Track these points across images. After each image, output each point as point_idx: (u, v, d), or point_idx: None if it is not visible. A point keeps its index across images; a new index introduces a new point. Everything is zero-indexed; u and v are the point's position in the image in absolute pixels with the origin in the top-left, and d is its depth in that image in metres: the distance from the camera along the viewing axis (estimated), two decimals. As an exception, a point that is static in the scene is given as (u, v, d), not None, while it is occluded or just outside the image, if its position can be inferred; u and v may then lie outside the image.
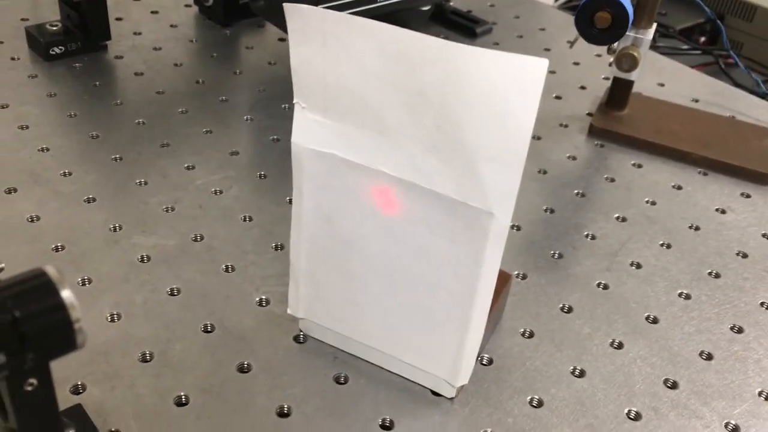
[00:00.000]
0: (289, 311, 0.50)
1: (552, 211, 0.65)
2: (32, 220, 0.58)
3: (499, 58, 0.35)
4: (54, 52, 0.77)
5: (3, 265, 0.53)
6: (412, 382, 0.48)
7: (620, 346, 0.53)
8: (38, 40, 0.76)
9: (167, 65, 0.79)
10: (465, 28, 0.92)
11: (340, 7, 0.74)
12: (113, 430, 0.44)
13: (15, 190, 0.60)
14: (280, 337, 0.51)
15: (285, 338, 0.51)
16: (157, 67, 0.79)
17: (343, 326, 0.49)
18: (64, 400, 0.44)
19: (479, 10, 0.97)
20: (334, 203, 0.44)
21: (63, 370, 0.46)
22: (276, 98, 0.74)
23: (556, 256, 0.60)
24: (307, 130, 0.43)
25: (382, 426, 0.46)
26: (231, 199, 0.62)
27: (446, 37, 0.44)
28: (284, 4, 0.39)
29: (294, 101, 0.43)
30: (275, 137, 0.69)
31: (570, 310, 0.55)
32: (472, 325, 0.44)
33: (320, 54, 0.40)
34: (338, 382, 0.48)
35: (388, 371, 0.49)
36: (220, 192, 0.63)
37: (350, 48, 0.39)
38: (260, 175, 0.65)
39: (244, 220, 0.60)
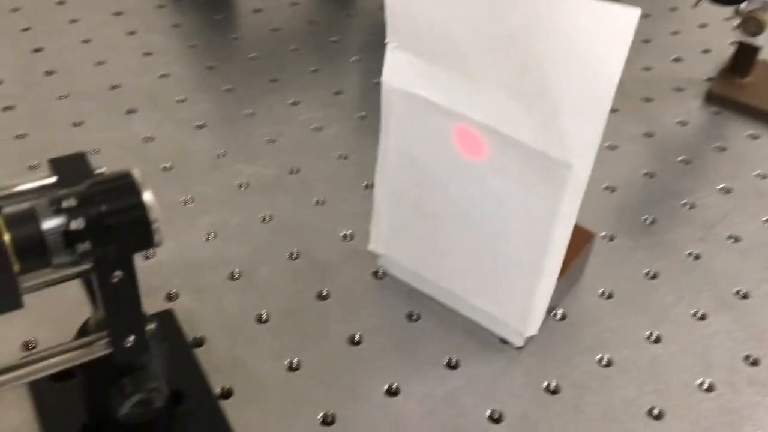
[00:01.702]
0: (369, 247, 0.52)
1: (652, 176, 0.63)
2: (147, 141, 0.62)
3: (588, 5, 0.34)
4: (182, -14, 0.81)
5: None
6: (482, 327, 0.49)
7: (703, 317, 0.51)
8: (168, -27, 0.81)
9: (284, 3, 0.82)
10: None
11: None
12: (198, 336, 0.47)
13: (135, 111, 0.65)
14: (360, 270, 0.53)
15: (364, 272, 0.53)
16: (276, 4, 0.81)
17: (419, 265, 0.50)
18: (159, 305, 0.49)
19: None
20: (418, 144, 0.45)
21: (158, 279, 0.50)
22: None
23: (649, 221, 0.58)
24: (397, 70, 0.44)
25: (448, 365, 0.47)
26: (330, 137, 0.64)
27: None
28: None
29: (386, 40, 0.44)
30: (380, 80, 0.70)
31: (655, 276, 0.54)
32: (544, 276, 0.44)
33: (416, -6, 0.41)
34: (410, 319, 0.50)
35: (460, 314, 0.50)
36: (320, 129, 0.65)
37: (444, -11, 0.39)
38: (361, 116, 0.67)
39: (340, 158, 0.62)
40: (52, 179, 0.32)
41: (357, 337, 0.48)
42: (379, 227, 0.51)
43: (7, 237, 0.26)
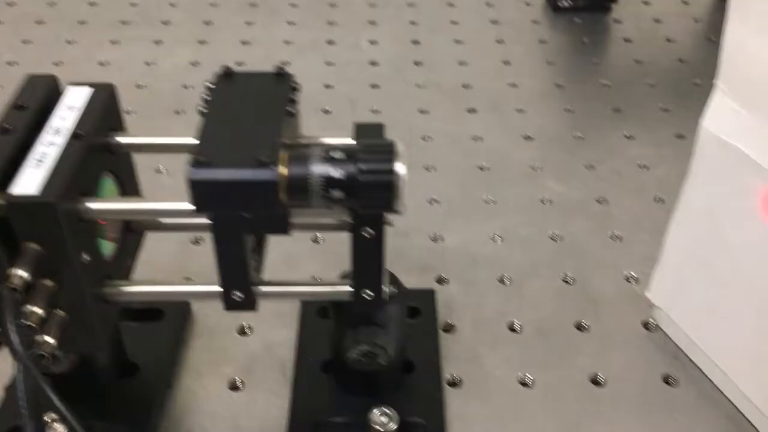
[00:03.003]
0: (647, 294, 0.49)
1: None
2: (476, 139, 0.66)
3: None
4: (562, 5, 0.83)
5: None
6: (747, 419, 0.43)
7: None
8: (553, -8, 0.84)
9: (659, 38, 0.79)
10: None
11: None
12: (450, 322, 0.50)
13: (475, 111, 0.69)
14: (629, 315, 0.50)
15: (634, 318, 0.50)
16: (648, 37, 0.79)
17: (695, 330, 0.46)
18: (427, 284, 0.52)
19: None
20: (721, 199, 0.42)
21: (438, 261, 0.54)
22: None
23: None
24: (720, 117, 0.41)
25: (690, 444, 0.43)
26: (653, 177, 0.61)
27: None
28: (729, -23, 0.37)
29: (715, 80, 0.41)
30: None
31: None
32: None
33: (756, 38, 0.37)
34: (667, 382, 0.46)
35: (726, 395, 0.45)
36: (647, 167, 0.62)
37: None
38: (696, 164, 0.62)
39: (655, 200, 0.59)
40: (353, 141, 0.37)
41: (601, 378, 0.46)
42: (663, 277, 0.47)
43: (285, 171, 0.31)
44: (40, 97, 0.37)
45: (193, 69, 0.75)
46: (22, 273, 0.32)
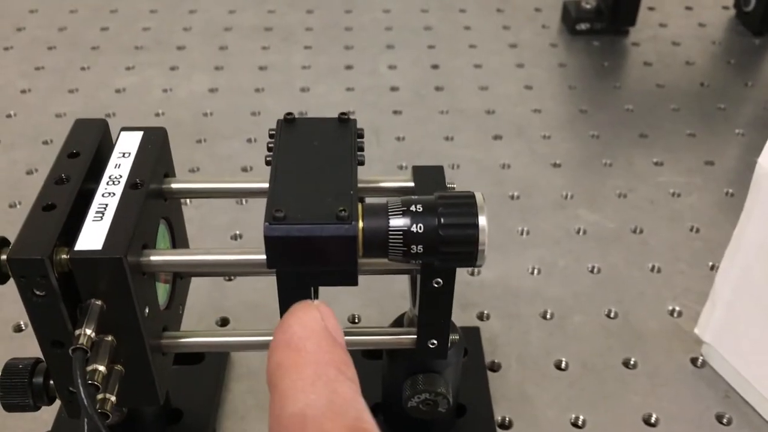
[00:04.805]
0: (696, 331, 0.48)
1: None
2: (504, 167, 0.65)
3: None
4: (580, 28, 0.83)
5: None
6: (804, 459, 0.43)
7: None
8: (569, 14, 0.83)
9: (679, 61, 0.79)
10: None
11: None
12: (496, 361, 0.49)
13: (501, 138, 0.69)
14: (678, 351, 0.49)
15: (682, 355, 0.49)
16: (668, 60, 0.79)
17: (747, 368, 0.45)
18: (469, 321, 0.51)
19: None
20: (780, 238, 0.41)
21: (477, 296, 0.53)
22: (780, 120, 0.69)
23: None
24: (779, 155, 0.41)
25: (749, 485, 0.42)
26: (685, 205, 0.61)
27: None
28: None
29: (774, 120, 0.40)
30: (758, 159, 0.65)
31: None
32: None
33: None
34: (720, 421, 0.45)
35: (780, 435, 0.44)
36: (678, 195, 0.62)
37: None
38: (727, 192, 0.62)
39: (691, 230, 0.59)
40: (411, 183, 0.36)
41: (653, 419, 0.45)
42: (713, 313, 0.47)
43: (361, 224, 0.30)
44: (92, 143, 0.36)
45: (211, 96, 0.73)
46: (87, 331, 0.31)
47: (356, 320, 0.52)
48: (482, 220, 0.30)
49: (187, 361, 0.47)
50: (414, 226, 0.30)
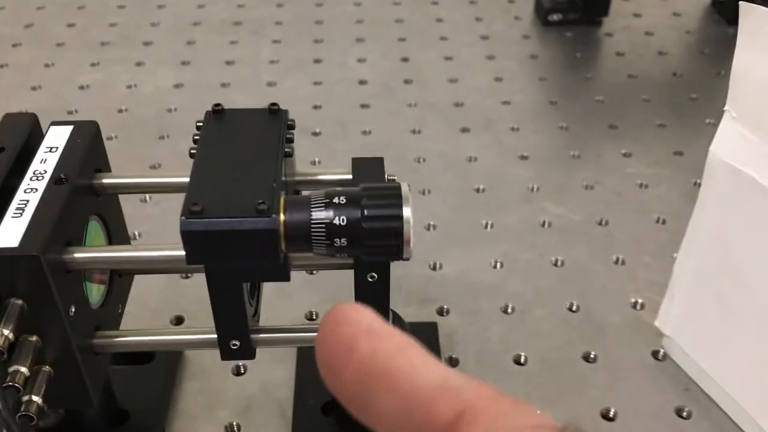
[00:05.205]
0: (656, 323, 0.47)
1: None
2: (470, 160, 0.64)
3: None
4: (552, 19, 0.82)
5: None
6: (763, 453, 0.42)
7: None
8: (542, 5, 0.82)
9: (652, 51, 0.78)
10: None
11: None
12: (453, 356, 0.48)
13: (468, 130, 0.68)
14: (638, 345, 0.48)
15: (643, 348, 0.48)
16: (641, 51, 0.78)
17: (707, 361, 0.45)
18: (427, 316, 0.50)
19: None
20: (734, 227, 0.40)
21: (437, 291, 0.52)
22: (751, 109, 0.68)
23: None
24: (730, 143, 0.40)
25: (706, 481, 0.41)
26: (653, 196, 0.60)
27: None
28: (740, 3, 0.35)
29: (725, 107, 0.39)
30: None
31: None
32: None
33: (765, 64, 0.36)
34: (679, 414, 0.45)
35: (741, 428, 0.43)
36: (646, 186, 0.61)
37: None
38: (695, 182, 0.61)
39: (657, 221, 0.58)
40: (349, 176, 0.36)
41: (612, 413, 0.45)
42: (672, 306, 0.46)
43: (282, 217, 0.29)
44: (20, 138, 0.35)
45: (176, 91, 0.72)
46: (5, 331, 0.30)
47: (314, 317, 0.51)
48: (407, 212, 0.29)
49: (137, 360, 0.46)
50: (337, 218, 0.29)
